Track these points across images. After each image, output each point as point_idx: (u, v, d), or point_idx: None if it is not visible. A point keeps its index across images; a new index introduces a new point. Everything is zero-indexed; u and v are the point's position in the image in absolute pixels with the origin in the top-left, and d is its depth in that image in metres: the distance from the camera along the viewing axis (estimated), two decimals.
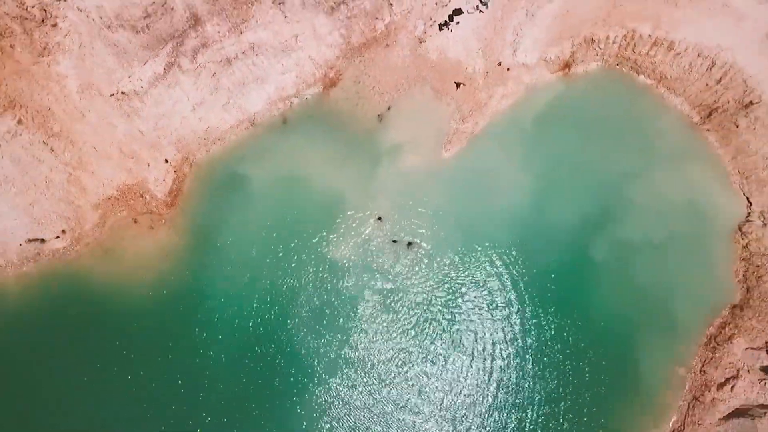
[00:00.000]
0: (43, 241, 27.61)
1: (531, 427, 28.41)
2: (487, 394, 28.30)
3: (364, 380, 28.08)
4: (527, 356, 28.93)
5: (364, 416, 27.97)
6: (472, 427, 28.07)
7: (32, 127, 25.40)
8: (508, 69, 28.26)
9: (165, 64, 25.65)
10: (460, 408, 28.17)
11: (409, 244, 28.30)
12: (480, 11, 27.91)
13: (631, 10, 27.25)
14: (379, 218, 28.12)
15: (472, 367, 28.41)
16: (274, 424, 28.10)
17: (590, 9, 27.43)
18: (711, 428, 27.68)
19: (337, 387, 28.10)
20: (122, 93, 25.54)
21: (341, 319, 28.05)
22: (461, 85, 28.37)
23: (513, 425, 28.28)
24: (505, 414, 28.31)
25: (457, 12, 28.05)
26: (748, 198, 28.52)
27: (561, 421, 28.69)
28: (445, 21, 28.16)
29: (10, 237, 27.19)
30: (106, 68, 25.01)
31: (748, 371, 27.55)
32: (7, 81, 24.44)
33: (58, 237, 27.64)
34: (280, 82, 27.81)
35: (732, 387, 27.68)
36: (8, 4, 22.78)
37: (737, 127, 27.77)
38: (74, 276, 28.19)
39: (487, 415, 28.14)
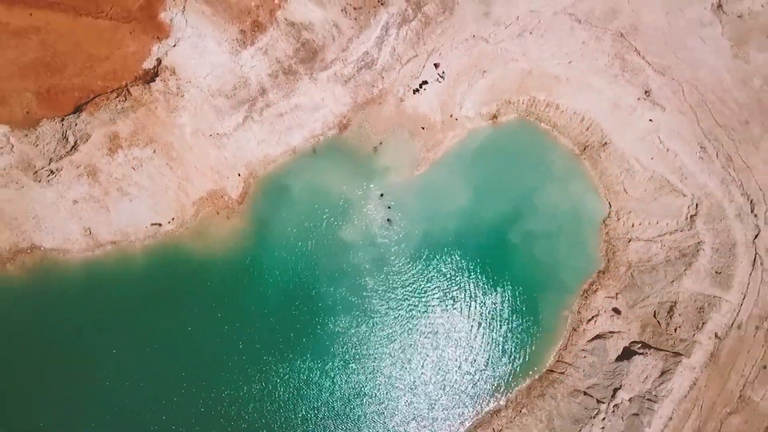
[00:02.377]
0: (160, 225, 43.35)
1: (465, 352, 44.76)
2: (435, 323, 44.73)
3: (371, 310, 44.21)
4: (466, 301, 45.23)
5: (373, 334, 44.13)
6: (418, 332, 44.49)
7: (160, 155, 41.39)
8: (456, 119, 44.47)
9: (243, 117, 41.75)
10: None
11: (389, 220, 44.42)
12: (439, 82, 44.09)
13: (532, 84, 43.58)
14: (381, 195, 44.07)
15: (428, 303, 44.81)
16: (308, 346, 44.11)
17: (508, 84, 43.73)
18: (582, 347, 44.01)
19: (350, 319, 44.18)
20: (217, 134, 41.65)
21: (352, 273, 44.19)
22: (426, 129, 44.58)
23: (451, 345, 44.63)
24: (443, 337, 44.67)
25: (425, 82, 44.19)
26: (609, 202, 44.87)
27: (486, 347, 44.99)
28: (417, 88, 44.28)
29: (140, 222, 42.93)
30: (208, 120, 41.10)
31: (605, 311, 43.90)
32: (149, 128, 40.42)
33: (169, 222, 43.44)
34: (312, 126, 43.81)
35: (595, 321, 43.98)
36: (158, 83, 38.86)
37: (600, 157, 44.18)
38: (178, 248, 43.91)
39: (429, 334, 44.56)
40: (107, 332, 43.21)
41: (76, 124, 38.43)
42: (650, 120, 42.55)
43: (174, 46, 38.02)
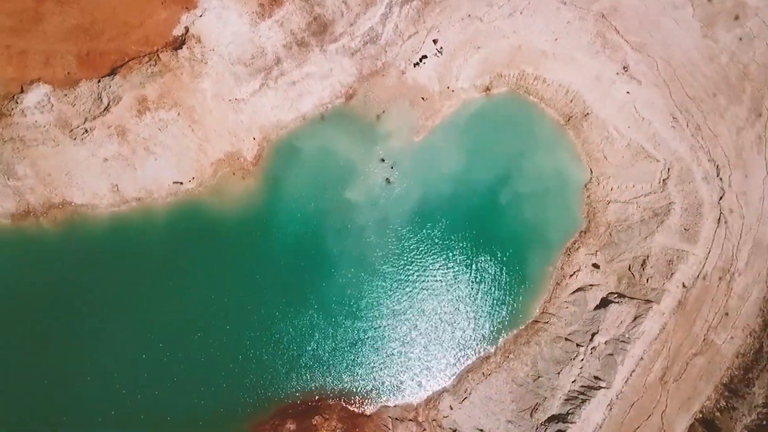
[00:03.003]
0: (181, 183, 47.52)
1: (465, 304, 49.15)
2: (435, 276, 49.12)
3: (372, 263, 48.58)
4: (458, 258, 49.59)
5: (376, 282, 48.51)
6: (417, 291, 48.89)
7: (184, 117, 45.59)
8: (452, 90, 48.87)
9: (259, 84, 46.05)
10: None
11: (387, 180, 48.74)
12: (437, 57, 48.50)
13: (522, 59, 48.08)
14: (383, 160, 48.44)
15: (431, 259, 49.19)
16: (314, 295, 48.34)
17: (499, 58, 48.20)
18: (564, 299, 48.41)
19: (353, 272, 48.46)
20: (235, 99, 45.91)
21: (355, 229, 48.49)
22: (425, 99, 48.98)
23: (449, 299, 49.02)
24: (437, 290, 49.05)
25: (424, 57, 48.58)
26: (590, 168, 49.34)
27: (477, 300, 49.37)
28: (417, 61, 48.68)
29: (163, 180, 47.01)
30: (228, 86, 45.37)
31: (585, 266, 48.37)
32: (174, 92, 44.63)
33: (189, 181, 47.61)
34: (321, 95, 48.10)
35: (576, 275, 48.41)
36: (184, 50, 43.10)
37: (583, 127, 48.69)
38: (197, 205, 48.03)
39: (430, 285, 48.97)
40: (131, 281, 47.24)
41: (110, 86, 42.59)
42: (628, 92, 47.05)
43: (200, 16, 42.30)
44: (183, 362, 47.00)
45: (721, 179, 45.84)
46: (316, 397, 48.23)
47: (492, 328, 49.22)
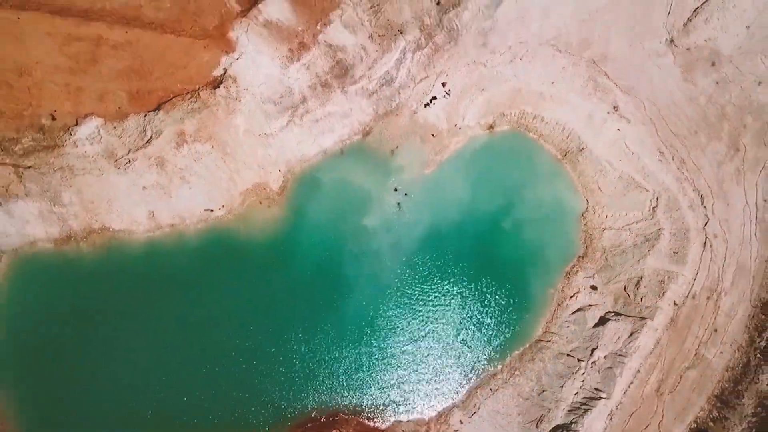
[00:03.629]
0: (211, 210, 51.90)
1: (465, 327, 52.87)
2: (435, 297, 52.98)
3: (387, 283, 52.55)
4: (465, 282, 53.56)
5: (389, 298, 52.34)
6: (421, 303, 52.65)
7: (217, 150, 50.36)
8: (459, 128, 53.96)
9: (287, 121, 51.07)
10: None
11: (399, 204, 53.14)
12: (446, 98, 53.80)
13: (522, 100, 53.38)
14: (396, 190, 52.93)
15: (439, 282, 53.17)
16: (332, 314, 52.11)
17: (502, 99, 53.49)
18: (565, 319, 52.14)
19: (368, 292, 52.38)
20: (264, 134, 50.86)
21: (370, 249, 52.64)
22: (435, 136, 54.02)
23: (453, 317, 52.74)
24: (447, 312, 52.87)
25: (434, 98, 53.84)
26: (586, 199, 53.96)
27: (483, 321, 53.14)
28: (428, 102, 53.93)
29: (195, 207, 51.36)
30: (258, 122, 50.36)
31: (584, 288, 52.33)
32: (210, 126, 49.53)
33: (220, 209, 51.92)
34: (341, 132, 53.07)
35: (576, 297, 52.31)
36: (221, 89, 48.29)
37: (578, 161, 53.59)
38: (226, 230, 52.04)
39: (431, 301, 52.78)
40: (164, 302, 51.22)
41: (154, 121, 47.48)
42: (618, 129, 52.13)
43: (237, 59, 47.59)
44: (208, 378, 50.61)
45: (705, 207, 50.37)
46: (333, 413, 51.33)
47: (498, 347, 52.82)
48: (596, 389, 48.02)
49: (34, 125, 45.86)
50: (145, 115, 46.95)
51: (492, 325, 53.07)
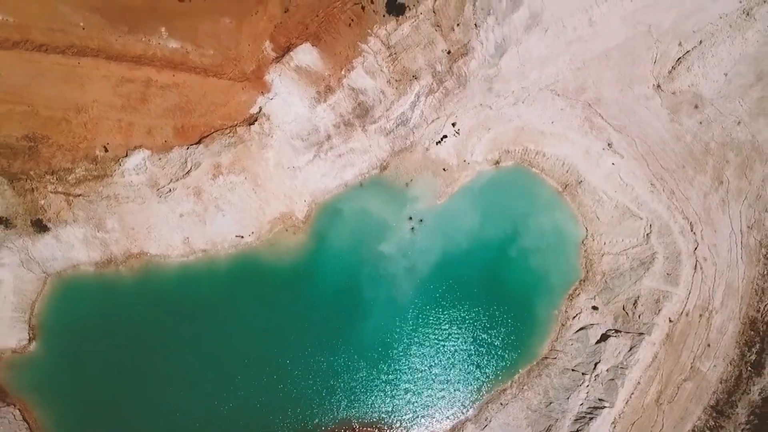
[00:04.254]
0: (242, 237, 56.55)
1: (470, 347, 56.81)
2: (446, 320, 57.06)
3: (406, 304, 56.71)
4: (474, 305, 57.74)
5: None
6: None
7: (249, 181, 55.51)
8: (468, 163, 59.36)
9: (313, 155, 56.47)
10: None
11: (412, 228, 57.81)
12: (455, 136, 59.42)
13: (524, 138, 58.99)
14: (410, 218, 57.79)
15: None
16: (353, 333, 56.07)
17: (506, 137, 59.14)
18: (569, 337, 56.08)
19: (385, 313, 56.52)
20: (292, 167, 56.09)
21: (387, 273, 57.05)
22: (446, 170, 59.34)
23: (458, 340, 56.70)
24: (458, 333, 56.88)
25: (445, 136, 59.41)
26: (586, 227, 58.83)
27: (495, 341, 57.09)
28: (439, 140, 59.49)
29: (227, 234, 56.00)
30: (288, 156, 55.74)
31: (586, 309, 56.45)
32: (243, 160, 54.83)
33: (249, 235, 56.57)
34: (360, 166, 58.39)
35: (578, 317, 56.41)
36: (256, 126, 53.84)
37: (577, 192, 58.74)
38: (255, 255, 56.68)
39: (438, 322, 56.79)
40: (197, 322, 55.45)
41: (194, 154, 52.81)
42: (613, 164, 57.49)
43: (271, 99, 53.32)
44: (236, 392, 54.38)
45: (694, 233, 55.18)
46: (353, 426, 54.55)
47: (507, 365, 56.66)
48: (600, 399, 51.58)
49: (88, 156, 51.03)
50: (187, 148, 52.21)
51: (501, 344, 56.90)
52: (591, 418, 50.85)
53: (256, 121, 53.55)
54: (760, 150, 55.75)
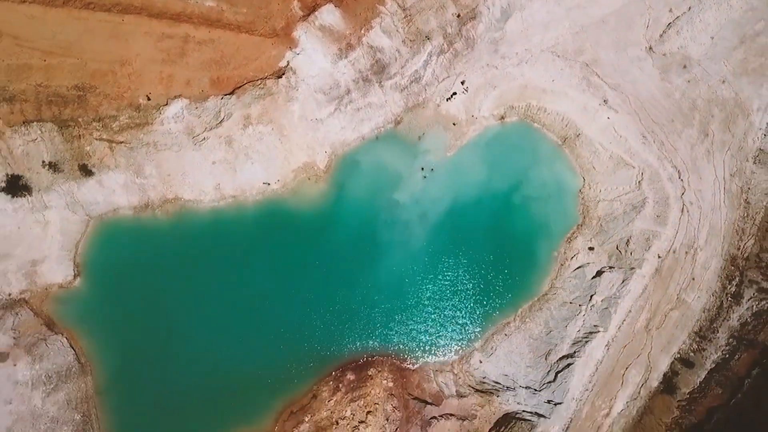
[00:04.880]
0: (269, 184, 61.57)
1: (475, 285, 62.25)
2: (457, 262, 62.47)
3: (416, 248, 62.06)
4: (482, 248, 63.13)
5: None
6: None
7: (276, 132, 60.62)
8: (476, 118, 64.66)
9: (333, 109, 61.59)
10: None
11: (424, 177, 62.99)
12: (464, 93, 64.68)
13: (528, 95, 64.28)
14: (422, 169, 63.10)
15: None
16: (370, 274, 61.36)
17: (511, 95, 64.38)
18: (568, 276, 61.55)
19: (400, 254, 61.83)
20: (315, 119, 61.24)
21: (401, 219, 62.32)
22: (455, 125, 64.63)
23: (464, 281, 62.13)
24: (467, 272, 62.28)
25: (455, 93, 64.57)
26: (583, 177, 64.24)
27: (498, 280, 62.51)
28: (449, 97, 64.68)
29: (255, 181, 60.92)
30: (311, 109, 60.89)
31: (583, 249, 61.92)
32: (271, 111, 59.93)
33: (275, 183, 61.61)
34: (377, 120, 63.58)
35: (576, 257, 61.84)
36: (283, 79, 58.92)
37: (576, 145, 64.13)
38: (280, 201, 61.68)
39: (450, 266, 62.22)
40: (226, 262, 60.37)
41: (228, 104, 57.92)
42: (608, 118, 62.82)
43: (298, 54, 58.45)
44: (265, 330, 59.65)
45: (681, 180, 60.63)
46: (371, 355, 59.96)
47: (511, 301, 61.96)
48: (595, 325, 57.14)
49: (132, 104, 56.03)
50: (222, 98, 57.30)
51: (505, 283, 62.26)
52: (587, 342, 56.42)
53: (283, 74, 58.59)
54: (742, 106, 60.96)
